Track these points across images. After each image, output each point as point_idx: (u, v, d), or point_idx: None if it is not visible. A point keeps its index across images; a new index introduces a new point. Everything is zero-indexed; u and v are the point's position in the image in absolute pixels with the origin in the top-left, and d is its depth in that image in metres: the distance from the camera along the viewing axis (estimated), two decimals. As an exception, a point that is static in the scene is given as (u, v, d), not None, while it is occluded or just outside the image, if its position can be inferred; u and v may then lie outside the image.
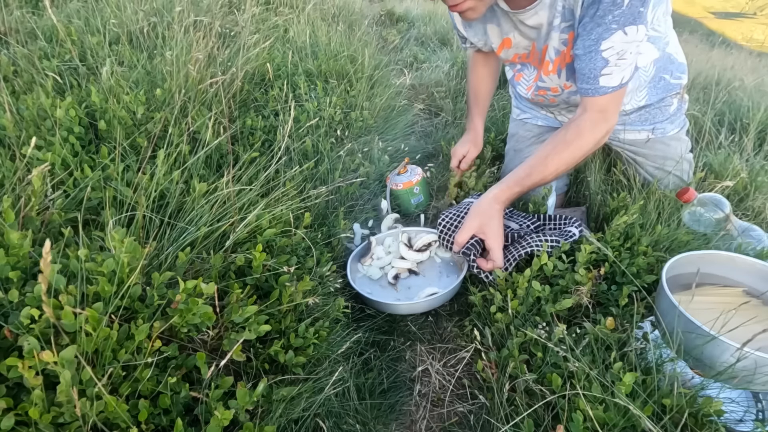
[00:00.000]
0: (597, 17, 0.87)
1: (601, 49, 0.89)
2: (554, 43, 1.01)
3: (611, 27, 0.87)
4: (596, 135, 0.98)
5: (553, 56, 1.03)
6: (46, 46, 1.38)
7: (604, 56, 0.90)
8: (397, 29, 3.46)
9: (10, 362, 0.49)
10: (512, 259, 0.99)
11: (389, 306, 1.01)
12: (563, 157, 0.99)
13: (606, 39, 0.88)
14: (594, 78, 0.93)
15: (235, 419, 0.61)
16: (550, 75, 1.08)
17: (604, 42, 0.88)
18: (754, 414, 0.75)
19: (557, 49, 1.02)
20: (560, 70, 1.05)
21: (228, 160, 1.10)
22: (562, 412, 0.66)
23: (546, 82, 1.12)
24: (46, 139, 0.95)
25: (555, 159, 1.00)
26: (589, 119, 0.98)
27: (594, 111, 0.97)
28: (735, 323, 0.67)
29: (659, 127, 1.24)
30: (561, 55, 1.02)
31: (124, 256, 0.60)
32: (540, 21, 1.00)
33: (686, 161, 1.30)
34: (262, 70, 1.59)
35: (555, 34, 0.99)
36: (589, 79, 0.94)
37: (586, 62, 0.92)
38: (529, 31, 1.05)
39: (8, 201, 0.67)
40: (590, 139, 0.98)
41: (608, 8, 0.85)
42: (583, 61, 0.93)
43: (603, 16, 0.86)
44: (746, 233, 1.06)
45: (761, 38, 9.68)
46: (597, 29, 0.88)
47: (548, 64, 1.06)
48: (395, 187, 1.35)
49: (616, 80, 0.92)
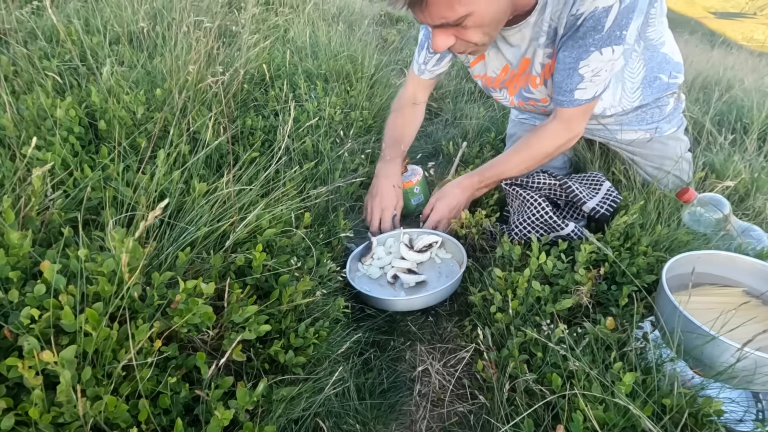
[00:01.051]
0: (578, 38, 0.94)
1: (578, 67, 0.97)
2: (539, 58, 1.07)
3: (589, 49, 0.94)
4: (556, 142, 1.11)
5: (539, 70, 1.10)
6: (46, 46, 1.38)
7: (580, 73, 0.97)
8: (397, 29, 3.46)
9: (10, 362, 0.49)
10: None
11: (387, 302, 1.01)
12: (523, 156, 1.15)
13: (584, 59, 0.95)
14: (570, 91, 1.01)
15: (235, 419, 0.61)
16: (539, 87, 1.14)
17: (582, 62, 0.96)
18: (754, 414, 0.75)
19: (542, 63, 1.07)
20: (546, 81, 1.11)
21: (228, 160, 1.10)
22: (562, 412, 0.66)
23: (534, 94, 1.16)
24: (46, 139, 0.95)
25: (515, 157, 1.16)
26: (552, 128, 1.10)
27: (561, 120, 1.08)
28: (735, 323, 0.67)
29: (656, 127, 1.24)
30: (546, 67, 1.08)
31: (125, 256, 0.60)
32: (523, 38, 1.05)
33: (685, 161, 1.30)
34: (262, 70, 1.59)
35: (540, 51, 1.05)
36: (565, 92, 1.02)
37: (563, 77, 1.00)
38: (507, 50, 1.10)
39: (8, 201, 0.67)
40: (549, 145, 1.11)
41: (588, 32, 0.92)
42: (561, 76, 1.01)
43: (583, 38, 0.93)
44: (746, 233, 1.06)
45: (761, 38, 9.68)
46: (577, 50, 0.95)
47: (535, 78, 1.12)
48: (395, 187, 1.35)
49: (589, 94, 1.01)
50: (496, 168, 1.18)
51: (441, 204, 1.21)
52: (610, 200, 1.10)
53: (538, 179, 1.17)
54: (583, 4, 0.90)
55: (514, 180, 1.19)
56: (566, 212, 1.19)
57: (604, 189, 1.14)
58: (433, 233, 1.20)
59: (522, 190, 1.13)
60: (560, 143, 1.11)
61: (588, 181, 1.19)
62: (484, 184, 1.20)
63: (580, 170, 1.46)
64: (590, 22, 0.90)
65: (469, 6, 0.83)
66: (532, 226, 1.07)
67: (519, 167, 1.16)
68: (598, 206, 1.10)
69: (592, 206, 1.10)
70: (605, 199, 1.11)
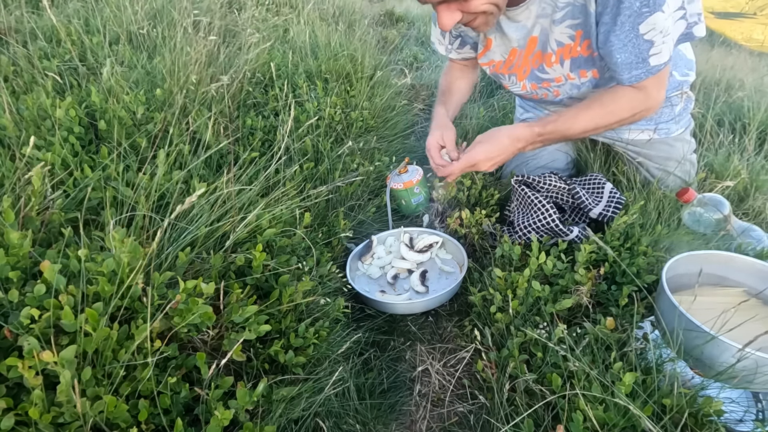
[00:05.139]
0: (624, 8, 0.86)
1: (641, 34, 0.87)
2: (555, 35, 1.00)
3: (642, 11, 0.85)
4: (632, 107, 0.98)
5: (555, 48, 1.02)
6: (46, 46, 1.38)
7: (646, 39, 0.88)
8: (397, 29, 3.46)
9: (10, 362, 0.49)
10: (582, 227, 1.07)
11: (388, 305, 1.01)
12: (593, 114, 0.99)
13: (642, 23, 0.86)
14: (644, 61, 0.91)
15: (235, 419, 0.61)
16: (554, 66, 1.06)
17: (641, 26, 0.87)
18: (754, 414, 0.74)
19: (560, 41, 1.00)
20: (563, 60, 1.04)
21: (228, 160, 1.10)
22: (562, 412, 0.66)
23: (549, 74, 1.09)
24: (46, 139, 0.95)
25: (585, 113, 1.00)
26: (629, 93, 0.97)
27: (638, 88, 0.96)
28: (735, 323, 0.67)
29: (664, 128, 1.23)
30: (566, 47, 1.01)
31: (125, 256, 0.60)
32: (529, 15, 0.99)
33: (689, 162, 1.28)
34: (262, 70, 1.59)
35: (556, 28, 0.98)
36: (639, 65, 0.92)
37: (630, 51, 0.90)
38: (512, 30, 1.04)
39: (8, 201, 0.67)
40: (625, 108, 0.98)
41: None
42: (626, 51, 0.91)
43: (630, 5, 0.85)
44: (746, 233, 1.06)
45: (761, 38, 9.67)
46: (630, 20, 0.86)
47: (550, 56, 1.04)
48: (395, 186, 1.35)
49: (665, 57, 0.90)
50: (561, 123, 1.01)
51: (481, 148, 1.03)
52: (615, 202, 1.10)
53: (548, 181, 1.16)
54: None
55: (525, 178, 1.16)
56: (570, 216, 1.18)
57: (606, 192, 1.13)
58: (434, 233, 1.20)
59: (530, 191, 1.10)
60: (637, 110, 0.99)
61: (590, 184, 1.18)
62: (542, 138, 1.03)
63: (582, 170, 1.46)
64: None
65: None
66: (537, 232, 1.05)
67: (587, 126, 1.01)
68: (604, 211, 1.09)
69: (598, 212, 1.10)
70: (610, 202, 1.11)
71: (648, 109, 0.99)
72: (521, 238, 1.08)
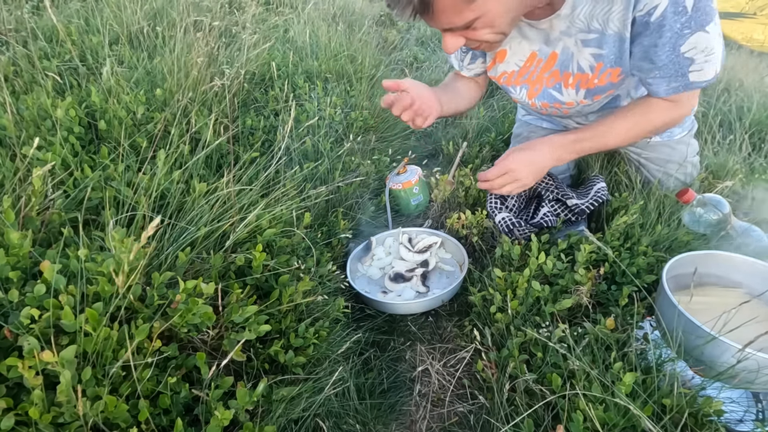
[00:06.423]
0: (663, 32, 0.84)
1: (682, 53, 0.86)
2: (581, 60, 0.98)
3: (684, 33, 0.83)
4: (665, 117, 0.97)
5: (575, 71, 1.01)
6: (46, 46, 1.38)
7: (687, 56, 0.86)
8: (397, 29, 3.46)
9: (10, 362, 0.49)
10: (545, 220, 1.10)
11: (387, 305, 1.01)
12: (628, 127, 0.99)
13: (683, 44, 0.85)
14: (683, 75, 0.89)
15: (235, 419, 0.61)
16: (568, 89, 1.05)
17: (681, 47, 0.85)
18: (754, 414, 0.74)
19: (582, 67, 0.99)
20: (579, 88, 1.03)
21: (228, 160, 1.10)
22: (562, 412, 0.66)
23: (564, 96, 1.07)
24: (46, 139, 0.95)
25: (621, 124, 0.99)
26: (661, 104, 0.96)
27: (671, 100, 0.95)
28: (735, 323, 0.67)
29: (667, 131, 1.22)
30: (585, 76, 1.00)
31: (124, 256, 0.60)
32: (552, 27, 0.97)
33: (690, 164, 1.27)
34: (263, 70, 1.59)
35: (584, 51, 0.97)
36: (677, 78, 0.90)
37: (668, 68, 0.89)
38: (534, 36, 1.02)
39: (8, 201, 0.67)
40: (658, 119, 0.98)
41: (673, 19, 0.82)
42: (665, 69, 0.89)
43: (670, 28, 0.83)
44: (746, 233, 1.06)
45: (761, 38, 9.67)
46: (669, 41, 0.85)
47: (569, 76, 1.02)
48: (394, 187, 1.35)
49: (710, 74, 0.88)
50: (598, 135, 1.00)
51: (517, 156, 1.01)
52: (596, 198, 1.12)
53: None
54: None
55: None
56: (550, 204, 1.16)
57: (594, 190, 1.14)
58: (434, 233, 1.20)
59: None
60: (669, 120, 0.98)
61: (585, 188, 1.19)
62: (579, 147, 1.02)
63: (583, 170, 1.46)
64: (670, 8, 0.81)
65: (478, 10, 0.80)
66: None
67: (623, 137, 1.00)
68: (580, 203, 1.10)
69: (574, 202, 1.11)
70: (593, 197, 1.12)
71: (681, 117, 0.99)
72: (522, 234, 1.09)
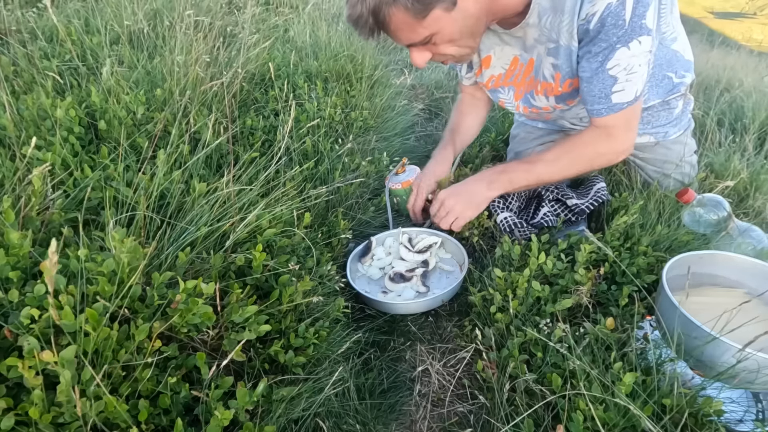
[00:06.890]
0: (599, 40, 0.87)
1: (607, 69, 0.89)
2: (545, 69, 1.02)
3: (615, 47, 0.87)
4: (595, 147, 1.01)
5: (542, 79, 1.05)
6: (46, 46, 1.38)
7: (611, 74, 0.90)
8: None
9: (10, 362, 0.49)
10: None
11: (387, 305, 1.01)
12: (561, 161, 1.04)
13: (611, 59, 0.88)
14: (606, 97, 0.93)
15: (235, 419, 0.61)
16: (539, 96, 1.09)
17: (609, 62, 0.89)
18: (754, 414, 0.74)
19: (545, 75, 1.03)
20: (547, 95, 1.07)
21: (228, 160, 1.10)
22: (562, 412, 0.66)
23: (536, 101, 1.11)
24: (46, 139, 0.95)
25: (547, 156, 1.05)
26: (589, 133, 1.01)
27: (598, 126, 0.99)
28: (735, 323, 0.67)
29: (661, 131, 1.22)
30: (549, 85, 1.04)
31: (125, 256, 0.60)
32: (526, 35, 1.00)
33: (688, 164, 1.27)
34: (263, 70, 1.59)
35: (546, 60, 1.00)
36: (601, 99, 0.94)
37: (595, 84, 0.92)
38: (514, 42, 1.05)
39: (8, 201, 0.67)
40: (589, 150, 1.02)
41: (609, 30, 0.85)
42: (592, 83, 0.93)
43: (606, 38, 0.87)
44: (746, 233, 1.06)
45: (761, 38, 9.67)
46: (602, 52, 0.89)
47: (537, 83, 1.07)
48: (394, 186, 1.35)
49: (629, 95, 0.92)
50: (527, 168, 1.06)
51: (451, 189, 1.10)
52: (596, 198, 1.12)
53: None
54: (593, 4, 0.84)
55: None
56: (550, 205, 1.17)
57: (594, 190, 1.15)
58: (434, 233, 1.20)
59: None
60: (602, 150, 1.01)
61: (585, 188, 1.20)
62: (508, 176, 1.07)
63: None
64: (609, 19, 0.84)
65: (431, 27, 0.83)
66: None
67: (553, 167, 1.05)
68: (580, 203, 1.11)
69: (574, 202, 1.12)
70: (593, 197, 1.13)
71: (616, 152, 1.02)
72: (522, 234, 1.10)
